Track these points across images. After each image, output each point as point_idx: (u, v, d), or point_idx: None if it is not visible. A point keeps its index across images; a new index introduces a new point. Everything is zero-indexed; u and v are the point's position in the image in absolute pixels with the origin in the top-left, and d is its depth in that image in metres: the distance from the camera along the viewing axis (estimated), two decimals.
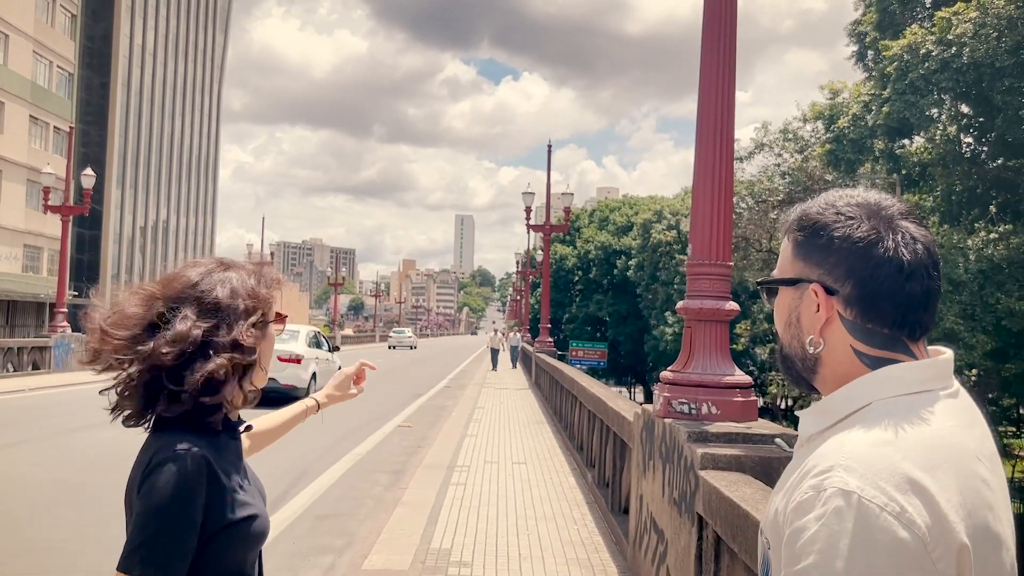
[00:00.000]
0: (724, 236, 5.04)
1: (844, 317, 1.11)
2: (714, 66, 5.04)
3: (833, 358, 1.13)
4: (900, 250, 1.07)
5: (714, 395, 4.82)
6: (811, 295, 1.13)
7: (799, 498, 0.99)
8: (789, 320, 1.17)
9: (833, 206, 1.13)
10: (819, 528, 0.95)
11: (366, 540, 6.61)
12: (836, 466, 0.99)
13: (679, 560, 4.39)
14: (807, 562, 0.95)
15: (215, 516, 1.49)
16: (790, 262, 1.16)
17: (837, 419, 1.09)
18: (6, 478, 8.70)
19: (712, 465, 4.09)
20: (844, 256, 1.09)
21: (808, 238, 1.13)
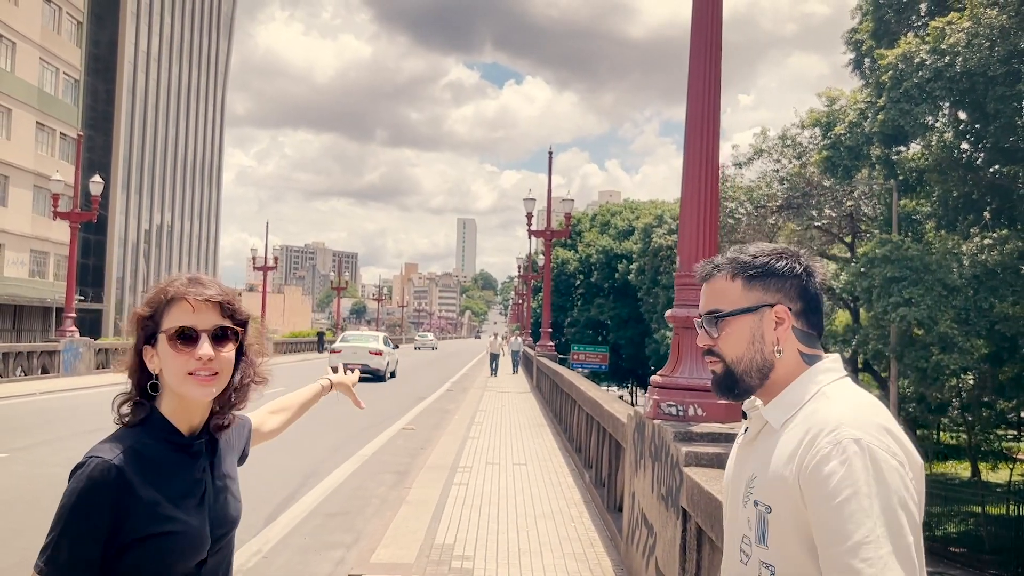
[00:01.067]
0: (710, 250, 5.38)
1: (795, 328, 1.53)
2: (700, 94, 5.39)
3: (785, 360, 1.52)
4: (823, 278, 1.57)
5: (700, 398, 5.16)
6: (771, 315, 1.52)
7: (821, 453, 1.35)
8: (752, 338, 1.53)
9: (766, 251, 1.56)
10: (847, 469, 1.33)
11: (373, 536, 6.95)
12: (841, 425, 1.37)
13: (666, 551, 4.73)
14: (846, 494, 1.31)
15: (127, 527, 1.52)
16: (742, 295, 1.53)
17: (799, 406, 1.48)
18: (30, 478, 9.06)
19: (695, 462, 4.42)
20: (794, 283, 1.53)
21: (761, 274, 1.53)
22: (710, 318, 1.56)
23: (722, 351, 1.55)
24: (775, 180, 29.67)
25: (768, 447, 1.48)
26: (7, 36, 41.35)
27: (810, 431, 1.40)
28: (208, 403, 1.69)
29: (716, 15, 5.50)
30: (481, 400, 20.84)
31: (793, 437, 1.43)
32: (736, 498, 1.55)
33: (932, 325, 19.33)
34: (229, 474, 1.77)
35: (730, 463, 1.66)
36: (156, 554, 1.54)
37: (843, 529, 1.30)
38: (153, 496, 1.56)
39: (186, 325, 1.61)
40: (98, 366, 26.42)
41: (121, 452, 1.57)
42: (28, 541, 6.57)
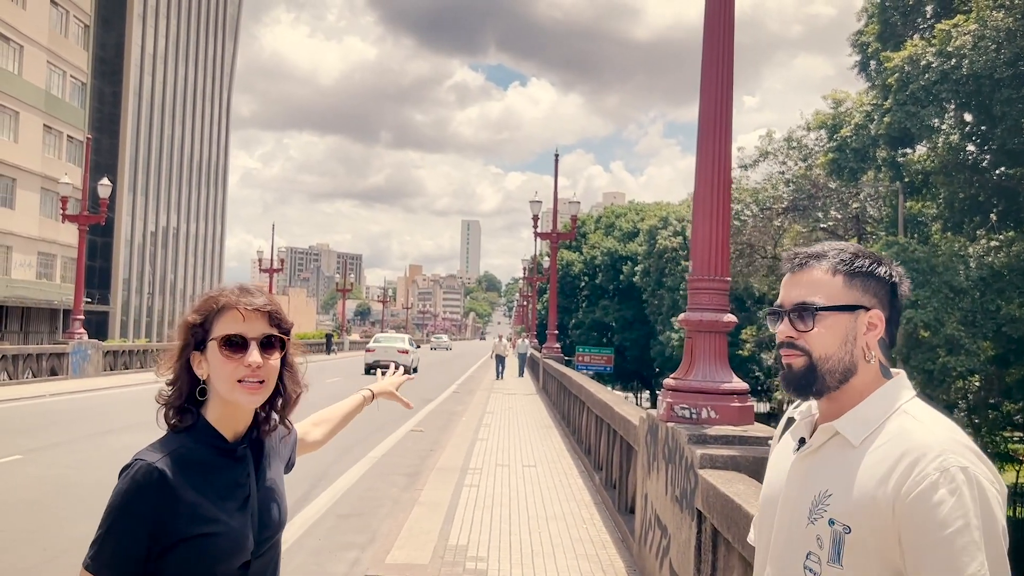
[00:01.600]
0: (722, 254, 5.45)
1: (881, 337, 1.48)
2: (713, 98, 5.46)
3: (869, 368, 1.47)
4: (907, 291, 1.53)
5: (713, 401, 5.22)
6: (865, 319, 1.47)
7: (928, 480, 1.29)
8: (845, 338, 1.46)
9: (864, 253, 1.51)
10: (957, 499, 1.28)
11: (387, 537, 7.02)
12: (944, 452, 1.32)
13: (681, 552, 4.79)
14: (957, 525, 1.27)
15: (169, 529, 1.58)
16: (841, 292, 1.47)
17: (879, 423, 1.41)
18: (45, 479, 9.15)
19: (710, 465, 4.49)
20: (888, 292, 1.49)
21: (861, 273, 1.48)
22: (803, 310, 1.48)
23: (809, 345, 1.47)
24: (781, 182, 29.70)
25: (846, 463, 1.41)
26: (14, 39, 41.55)
27: (907, 454, 1.34)
28: (252, 409, 1.73)
29: (728, 20, 5.56)
30: (488, 402, 20.90)
31: (883, 457, 1.36)
32: (798, 512, 1.45)
33: (939, 327, 19.33)
34: (274, 480, 1.80)
35: (779, 472, 1.56)
36: (198, 555, 1.59)
37: (956, 562, 1.26)
38: (196, 498, 1.61)
39: (236, 333, 1.67)
40: (106, 368, 26.54)
41: (166, 455, 1.62)
42: (48, 541, 6.66)
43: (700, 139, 5.58)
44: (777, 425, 1.70)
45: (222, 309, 1.70)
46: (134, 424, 14.37)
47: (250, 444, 1.75)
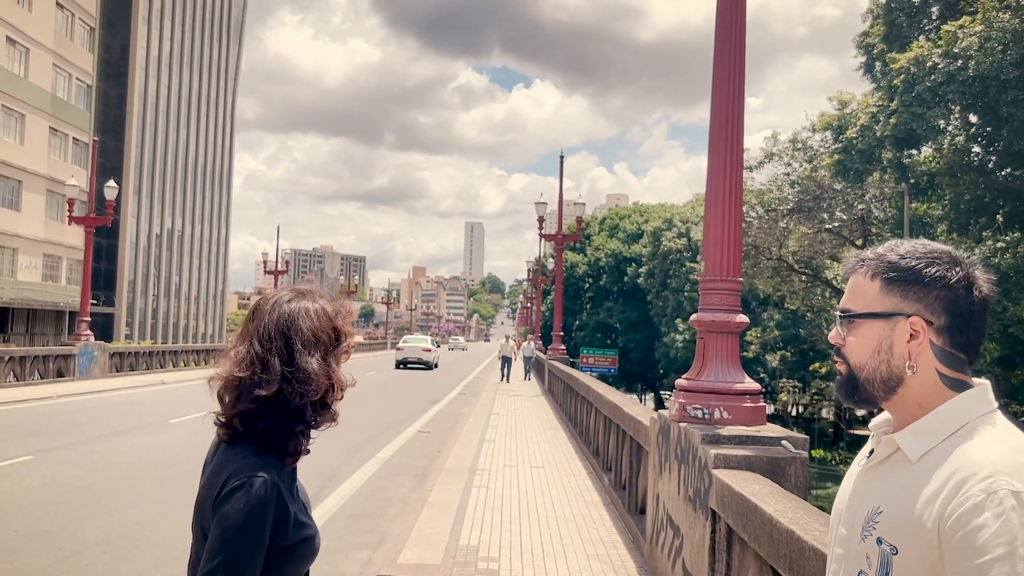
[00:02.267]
0: (734, 255, 5.46)
1: (934, 344, 1.34)
2: (724, 101, 5.48)
3: (921, 379, 1.34)
4: (984, 293, 1.34)
5: (726, 401, 5.24)
6: (905, 326, 1.34)
7: (972, 502, 1.18)
8: (879, 348, 1.36)
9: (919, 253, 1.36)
10: (1001, 524, 1.15)
11: (398, 538, 7.04)
12: (997, 472, 1.19)
13: (694, 552, 4.80)
14: (997, 553, 1.14)
15: (279, 538, 1.61)
16: (878, 299, 1.36)
17: (943, 437, 1.29)
18: (56, 480, 9.19)
19: (724, 464, 4.50)
20: (942, 294, 1.32)
21: (904, 278, 1.34)
22: (842, 316, 1.42)
23: (847, 354, 1.41)
24: (786, 183, 29.70)
25: (901, 480, 1.31)
26: (21, 42, 41.68)
27: (957, 472, 1.23)
28: None
29: (739, 21, 5.58)
30: (494, 403, 20.91)
31: (935, 476, 1.25)
32: (854, 528, 1.38)
33: None
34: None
35: (846, 485, 1.48)
36: (298, 559, 1.65)
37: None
38: (293, 505, 1.66)
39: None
40: (112, 369, 26.61)
41: (276, 470, 1.63)
42: (61, 542, 6.69)
43: (711, 141, 5.60)
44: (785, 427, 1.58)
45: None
46: (143, 425, 14.43)
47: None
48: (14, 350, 22.83)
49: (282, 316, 1.70)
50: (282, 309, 1.71)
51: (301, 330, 1.68)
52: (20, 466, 9.98)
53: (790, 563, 3.11)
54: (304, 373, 1.64)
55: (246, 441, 1.65)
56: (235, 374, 1.66)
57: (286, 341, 1.67)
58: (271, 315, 1.71)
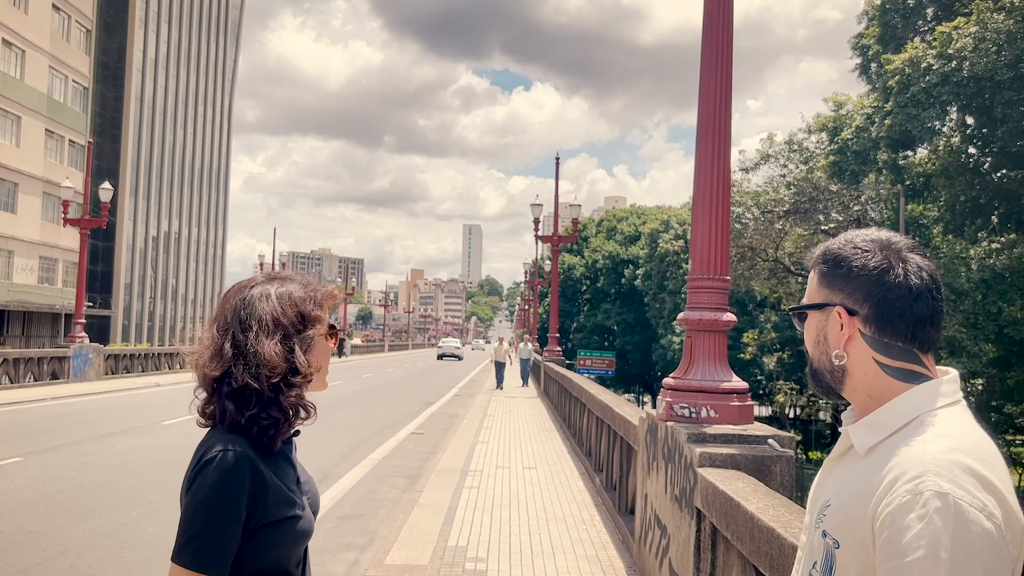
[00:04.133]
0: (722, 253, 5.44)
1: (864, 333, 1.31)
2: (711, 101, 5.45)
3: (858, 369, 1.32)
4: (909, 277, 1.29)
5: (713, 400, 5.21)
6: (835, 316, 1.33)
7: (897, 502, 1.14)
8: (818, 339, 1.37)
9: (851, 242, 1.35)
10: (924, 526, 1.11)
11: (387, 538, 7.00)
12: (927, 472, 1.14)
13: (680, 551, 4.77)
14: (916, 555, 1.10)
15: (259, 512, 1.56)
16: (816, 290, 1.38)
17: (891, 431, 1.25)
18: (46, 481, 9.14)
19: (709, 463, 4.47)
20: (862, 282, 1.31)
21: (831, 269, 1.35)
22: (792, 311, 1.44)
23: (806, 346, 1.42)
24: (782, 185, 29.69)
25: (849, 474, 1.29)
26: (17, 44, 41.64)
27: (892, 470, 1.19)
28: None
29: (727, 23, 5.56)
30: (489, 405, 20.87)
31: (876, 471, 1.23)
32: (810, 520, 1.37)
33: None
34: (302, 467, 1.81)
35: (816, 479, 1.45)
36: (283, 538, 1.60)
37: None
38: (277, 483, 1.61)
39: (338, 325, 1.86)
40: (107, 372, 26.54)
41: (245, 443, 1.60)
42: (48, 542, 6.65)
43: (699, 138, 5.58)
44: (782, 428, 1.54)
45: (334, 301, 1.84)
46: (136, 427, 14.37)
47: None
48: (8, 352, 22.76)
49: (241, 301, 1.69)
50: (244, 294, 1.70)
51: (257, 313, 1.65)
52: (10, 468, 9.93)
53: (771, 561, 3.08)
54: (255, 356, 1.61)
55: (220, 424, 1.64)
56: (197, 359, 1.67)
57: (240, 324, 1.65)
58: (232, 300, 1.70)
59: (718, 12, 5.54)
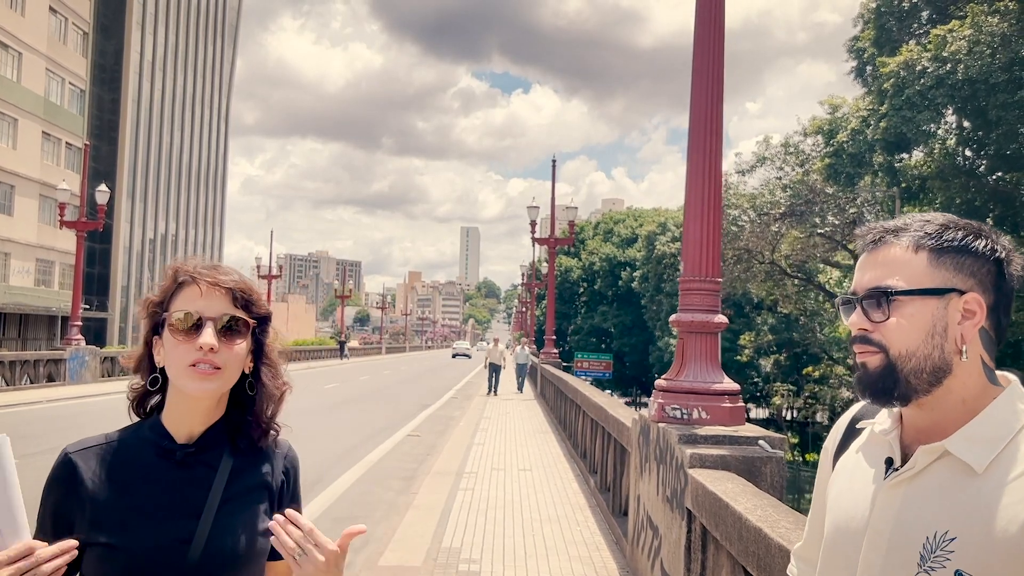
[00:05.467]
0: (713, 255, 5.46)
1: (983, 327, 1.17)
2: (703, 104, 5.48)
3: (967, 368, 1.16)
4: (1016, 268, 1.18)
5: (704, 401, 5.23)
6: (958, 304, 1.16)
7: None
8: (933, 330, 1.16)
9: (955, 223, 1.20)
10: None
11: (381, 540, 7.01)
12: None
13: (671, 552, 4.79)
14: None
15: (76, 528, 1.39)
16: (928, 272, 1.17)
17: (1005, 443, 1.12)
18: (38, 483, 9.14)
19: (700, 464, 4.49)
20: (992, 271, 1.17)
21: (956, 250, 1.17)
22: (877, 295, 1.19)
23: (886, 339, 1.18)
24: (778, 187, 29.73)
25: (971, 497, 1.11)
26: (13, 46, 41.63)
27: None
28: (212, 407, 1.48)
29: (718, 29, 5.59)
30: (485, 407, 20.89)
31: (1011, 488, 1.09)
32: (899, 554, 1.15)
33: None
34: (248, 502, 1.48)
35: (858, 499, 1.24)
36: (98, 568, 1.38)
37: None
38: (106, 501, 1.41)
39: (190, 310, 1.43)
40: (104, 374, 26.52)
41: (93, 447, 1.47)
42: None
43: (691, 142, 5.60)
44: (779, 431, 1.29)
45: (181, 284, 1.48)
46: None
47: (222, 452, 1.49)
48: (4, 354, 22.73)
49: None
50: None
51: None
52: None
53: (758, 561, 3.10)
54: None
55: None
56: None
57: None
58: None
59: (709, 18, 5.58)
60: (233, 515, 1.45)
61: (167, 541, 1.39)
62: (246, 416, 1.52)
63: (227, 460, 1.49)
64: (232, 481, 1.47)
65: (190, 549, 1.39)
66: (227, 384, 1.46)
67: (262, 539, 1.47)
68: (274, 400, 1.54)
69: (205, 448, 1.47)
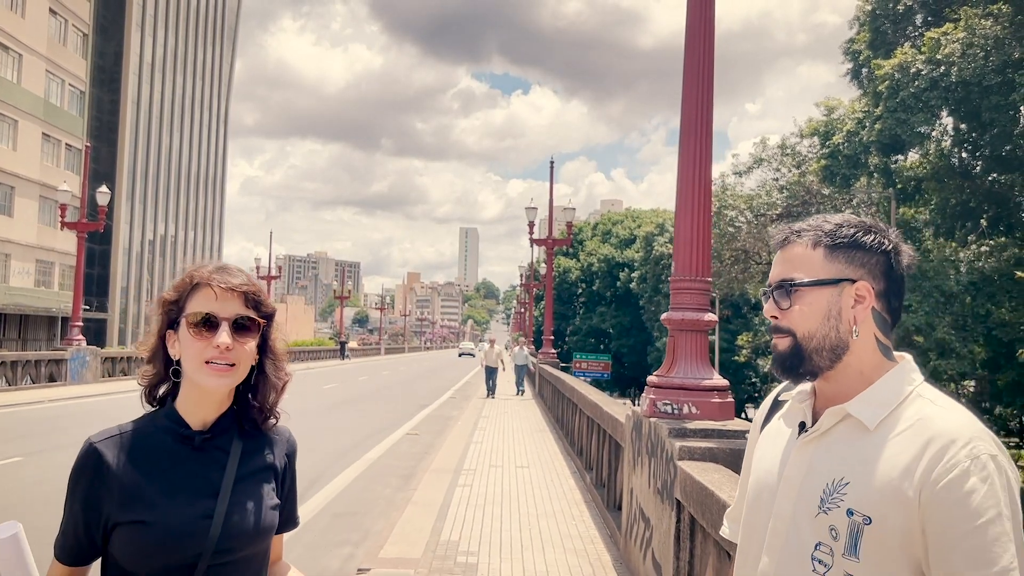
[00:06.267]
0: (703, 256, 5.63)
1: (874, 309, 1.38)
2: (693, 107, 5.65)
3: (861, 345, 1.37)
4: (903, 259, 1.40)
5: (694, 396, 5.40)
6: (851, 291, 1.37)
7: (956, 469, 1.23)
8: (828, 313, 1.37)
9: (850, 223, 1.41)
10: (988, 487, 1.22)
11: (381, 534, 7.17)
12: (973, 438, 1.25)
13: (661, 542, 4.96)
14: (991, 514, 1.21)
15: (105, 512, 1.52)
16: (823, 265, 1.38)
17: (894, 406, 1.32)
18: (45, 481, 9.30)
19: (689, 456, 4.66)
20: (881, 261, 1.38)
21: (847, 245, 1.38)
22: (783, 287, 1.40)
23: (792, 325, 1.39)
24: (775, 188, 29.93)
25: (863, 450, 1.31)
26: (14, 48, 41.77)
27: (934, 440, 1.26)
28: (224, 398, 1.63)
29: (708, 24, 5.75)
30: (484, 407, 21.04)
31: (907, 444, 1.28)
32: (805, 501, 1.35)
33: (930, 331, 19.55)
34: (258, 483, 1.64)
35: (773, 459, 1.45)
36: (130, 543, 1.51)
37: (988, 553, 1.20)
38: (135, 483, 1.54)
39: (207, 311, 1.58)
40: (104, 374, 26.66)
41: (116, 436, 1.59)
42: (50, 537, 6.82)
43: (682, 145, 5.77)
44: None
45: (196, 286, 1.62)
46: None
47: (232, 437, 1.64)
48: (6, 355, 22.87)
49: None
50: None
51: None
52: (10, 467, 10.09)
53: None
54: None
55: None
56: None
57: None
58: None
59: (699, 19, 5.74)
60: (246, 493, 1.60)
61: (191, 517, 1.53)
62: (252, 403, 1.67)
63: (237, 443, 1.63)
64: (243, 463, 1.63)
65: (212, 524, 1.54)
66: (239, 378, 1.61)
67: (271, 513, 1.64)
68: (276, 389, 1.69)
69: (218, 433, 1.62)
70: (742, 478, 1.61)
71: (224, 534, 1.55)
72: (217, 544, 1.54)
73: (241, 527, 1.57)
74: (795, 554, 1.35)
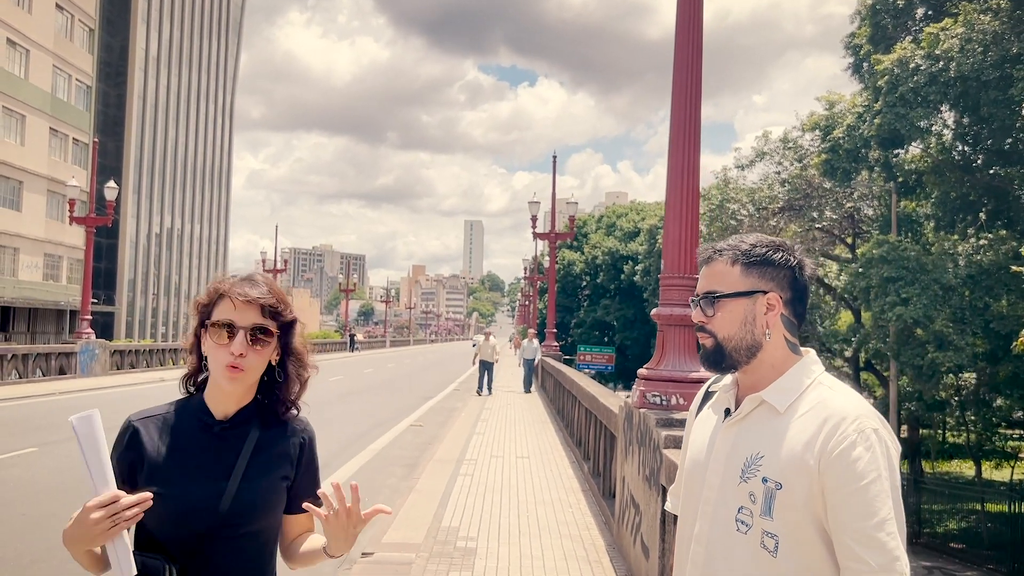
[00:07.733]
0: (691, 254, 5.89)
1: (783, 315, 1.67)
2: (682, 108, 5.90)
3: (773, 344, 1.66)
4: (806, 271, 1.70)
5: (682, 388, 5.67)
6: (763, 301, 1.65)
7: (849, 439, 1.51)
8: (745, 319, 1.65)
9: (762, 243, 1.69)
10: (871, 455, 1.51)
11: (385, 520, 7.44)
12: (860, 416, 1.54)
13: (649, 526, 5.24)
14: (872, 476, 1.50)
15: (136, 482, 1.75)
16: (739, 280, 1.66)
17: (799, 392, 1.62)
18: (62, 470, 9.63)
19: (674, 445, 4.93)
20: (787, 275, 1.67)
21: (759, 262, 1.66)
22: (707, 298, 1.68)
23: (715, 329, 1.67)
24: (777, 182, 30.06)
25: (775, 429, 1.60)
26: (21, 43, 42.09)
27: (830, 419, 1.54)
28: (243, 393, 1.85)
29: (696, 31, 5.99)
30: (486, 399, 21.33)
31: (809, 422, 1.56)
32: (730, 473, 1.63)
33: (928, 324, 19.73)
34: (266, 466, 1.85)
35: (703, 440, 1.73)
36: (151, 511, 1.68)
37: (871, 507, 1.49)
38: (161, 459, 1.78)
39: (226, 320, 1.78)
40: (113, 367, 27.04)
41: (151, 417, 1.85)
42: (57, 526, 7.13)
43: (671, 149, 6.02)
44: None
45: (220, 296, 1.82)
46: None
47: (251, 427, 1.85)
48: (17, 348, 23.27)
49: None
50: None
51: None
52: (26, 457, 10.41)
53: None
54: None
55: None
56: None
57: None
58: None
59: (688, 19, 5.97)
60: (256, 477, 1.82)
61: (204, 494, 1.76)
62: (274, 397, 1.90)
63: (254, 433, 1.85)
64: (258, 449, 1.84)
65: (221, 501, 1.77)
66: (248, 382, 1.83)
67: (279, 494, 1.86)
68: (298, 385, 1.92)
69: (237, 424, 1.84)
70: (681, 458, 1.88)
71: (232, 510, 1.77)
72: (225, 519, 1.76)
73: (247, 505, 1.78)
74: (723, 517, 1.62)
